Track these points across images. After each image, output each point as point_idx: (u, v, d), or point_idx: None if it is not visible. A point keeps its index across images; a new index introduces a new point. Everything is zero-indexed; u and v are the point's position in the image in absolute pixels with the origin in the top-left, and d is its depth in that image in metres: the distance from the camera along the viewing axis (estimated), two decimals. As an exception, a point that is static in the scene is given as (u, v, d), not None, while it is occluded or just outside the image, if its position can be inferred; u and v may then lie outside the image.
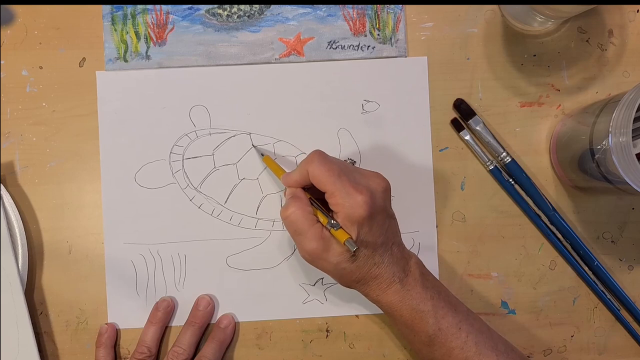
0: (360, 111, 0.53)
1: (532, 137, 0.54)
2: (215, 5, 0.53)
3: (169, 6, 0.53)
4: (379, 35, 0.53)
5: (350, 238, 0.43)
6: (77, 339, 0.52)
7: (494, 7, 0.54)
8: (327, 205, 0.45)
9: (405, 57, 0.53)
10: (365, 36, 0.53)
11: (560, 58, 0.54)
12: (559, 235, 0.53)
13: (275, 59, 0.53)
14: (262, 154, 0.52)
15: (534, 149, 0.54)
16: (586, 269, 0.53)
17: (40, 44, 0.53)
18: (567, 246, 0.53)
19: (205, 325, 0.52)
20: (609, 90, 0.54)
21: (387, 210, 0.45)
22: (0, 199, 0.50)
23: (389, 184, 0.46)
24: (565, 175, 0.52)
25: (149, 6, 0.53)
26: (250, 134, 0.53)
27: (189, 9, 0.53)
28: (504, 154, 0.53)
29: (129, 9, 0.53)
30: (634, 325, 0.53)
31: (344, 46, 0.53)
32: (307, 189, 0.47)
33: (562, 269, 0.54)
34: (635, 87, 0.43)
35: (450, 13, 0.54)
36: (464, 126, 0.53)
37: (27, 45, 0.53)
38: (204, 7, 0.53)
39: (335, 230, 0.43)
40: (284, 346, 0.53)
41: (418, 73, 0.53)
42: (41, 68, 0.53)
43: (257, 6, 0.53)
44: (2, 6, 0.52)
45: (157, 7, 0.53)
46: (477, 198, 0.53)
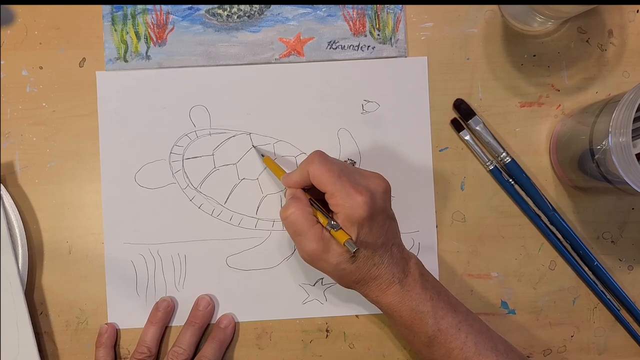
0: (360, 111, 0.53)
1: (532, 137, 0.54)
2: (215, 6, 0.53)
3: (169, 6, 0.53)
4: (379, 35, 0.53)
5: (350, 239, 0.43)
6: (77, 339, 0.52)
7: (494, 7, 0.54)
8: (327, 206, 0.45)
9: (405, 57, 0.53)
10: (365, 36, 0.53)
11: (560, 58, 0.54)
12: (559, 235, 0.53)
13: (275, 59, 0.53)
14: (263, 155, 0.52)
15: (533, 149, 0.54)
16: (586, 269, 0.53)
17: (40, 44, 0.53)
18: (567, 246, 0.53)
19: (205, 325, 0.52)
20: (608, 90, 0.54)
21: (387, 211, 0.45)
22: (0, 199, 0.50)
23: (389, 185, 0.46)
24: (565, 175, 0.52)
25: (149, 6, 0.53)
26: (250, 134, 0.53)
27: (189, 9, 0.53)
28: (504, 154, 0.53)
29: (129, 9, 0.53)
30: (634, 325, 0.53)
31: (344, 46, 0.53)
32: (307, 189, 0.47)
33: (562, 269, 0.54)
34: (635, 87, 0.43)
35: (450, 13, 0.54)
36: (464, 126, 0.53)
37: (27, 45, 0.53)
38: (204, 7, 0.53)
39: (335, 231, 0.43)
40: (284, 346, 0.53)
41: (418, 73, 0.53)
42: (41, 68, 0.53)
43: (257, 6, 0.53)
44: (2, 6, 0.52)
45: (157, 7, 0.53)
46: (477, 198, 0.53)
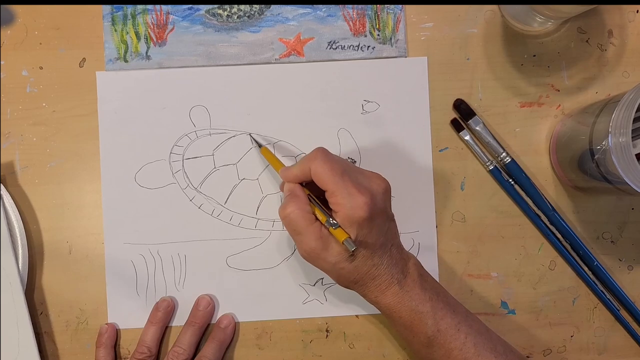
0: (360, 111, 0.53)
1: (532, 137, 0.54)
2: (215, 6, 0.53)
3: (169, 6, 0.53)
4: (379, 35, 0.53)
5: (348, 237, 0.43)
6: (77, 339, 0.52)
7: (494, 7, 0.54)
8: (326, 203, 0.45)
9: (405, 57, 0.53)
10: (365, 36, 0.53)
11: (560, 58, 0.54)
12: (559, 236, 0.53)
13: (275, 59, 0.53)
14: (260, 145, 0.52)
15: (533, 149, 0.54)
16: (586, 269, 0.53)
17: (40, 44, 0.53)
18: (567, 246, 0.53)
19: (205, 325, 0.52)
20: (608, 90, 0.54)
21: (387, 212, 0.45)
22: (0, 199, 0.50)
23: (389, 186, 0.46)
24: (565, 175, 0.52)
25: (149, 6, 0.53)
26: (250, 134, 0.53)
27: (189, 9, 0.53)
28: (504, 154, 0.53)
29: (129, 9, 0.53)
30: (634, 325, 0.53)
31: (344, 46, 0.53)
32: (306, 184, 0.46)
33: (561, 269, 0.54)
34: (635, 87, 0.43)
35: (450, 13, 0.54)
36: (464, 126, 0.53)
37: (27, 45, 0.53)
38: (204, 7, 0.53)
39: (334, 229, 0.43)
40: (284, 346, 0.53)
41: (418, 73, 0.53)
42: (41, 68, 0.53)
43: (257, 6, 0.53)
44: (2, 6, 0.52)
45: (157, 7, 0.53)
46: (477, 198, 0.53)
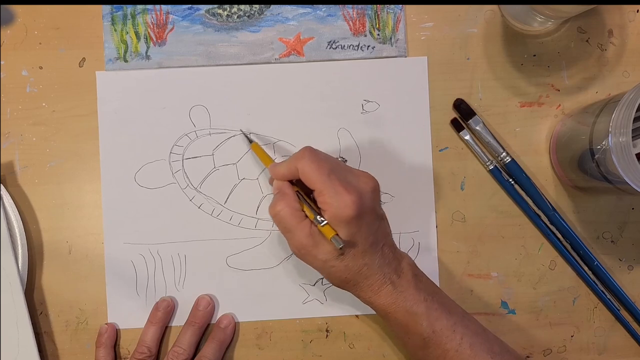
0: (360, 111, 0.53)
1: (532, 137, 0.54)
2: (215, 5, 0.53)
3: (169, 6, 0.53)
4: (378, 35, 0.53)
5: (336, 234, 0.43)
6: (77, 339, 0.52)
7: (494, 7, 0.54)
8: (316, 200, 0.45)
9: (405, 57, 0.53)
10: (365, 36, 0.53)
11: (560, 58, 0.54)
12: (559, 235, 0.53)
13: (275, 59, 0.53)
14: (250, 141, 0.52)
15: (533, 149, 0.54)
16: (586, 269, 0.53)
17: (40, 44, 0.53)
18: (567, 246, 0.53)
19: (205, 325, 0.52)
20: (608, 90, 0.54)
21: (376, 211, 0.45)
22: (0, 199, 0.50)
23: (377, 184, 0.46)
24: (565, 175, 0.52)
25: (149, 6, 0.53)
26: (250, 134, 0.53)
27: (189, 9, 0.53)
28: (504, 154, 0.53)
29: (129, 9, 0.53)
30: (634, 325, 0.53)
31: (344, 46, 0.53)
32: (296, 181, 0.47)
33: (562, 269, 0.54)
34: (635, 87, 0.43)
35: (450, 13, 0.54)
36: (464, 126, 0.53)
37: (27, 45, 0.52)
38: (204, 7, 0.53)
39: (322, 226, 0.43)
40: (284, 346, 0.53)
41: (418, 73, 0.53)
42: (41, 68, 0.53)
43: (257, 6, 0.53)
44: (2, 6, 0.52)
45: (157, 7, 0.53)
46: (477, 198, 0.53)
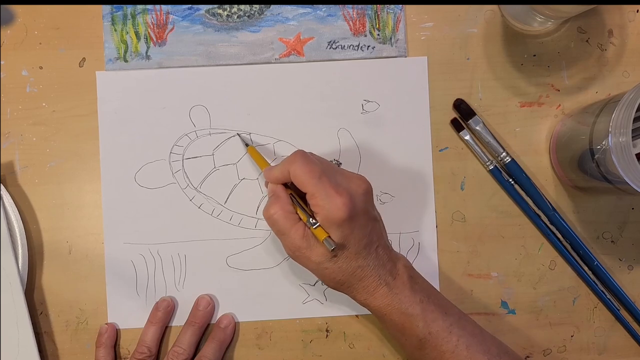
0: (360, 111, 0.53)
1: (532, 137, 0.54)
2: (215, 5, 0.53)
3: (169, 6, 0.53)
4: (379, 35, 0.53)
5: (328, 237, 0.43)
6: (77, 339, 0.52)
7: (494, 7, 0.54)
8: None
9: (405, 57, 0.53)
10: (365, 36, 0.53)
11: (560, 58, 0.54)
12: (559, 235, 0.53)
13: (275, 59, 0.53)
14: (247, 144, 0.52)
15: (533, 149, 0.54)
16: (586, 268, 0.53)
17: (40, 44, 0.53)
18: (567, 246, 0.53)
19: (205, 325, 0.52)
20: (608, 90, 0.54)
21: (368, 213, 0.45)
22: (0, 199, 0.50)
23: (370, 186, 0.46)
24: (565, 175, 0.52)
25: (149, 6, 0.53)
26: (250, 133, 0.53)
27: (189, 9, 0.53)
28: (504, 154, 0.53)
29: (129, 9, 0.53)
30: (634, 325, 0.53)
31: (344, 46, 0.53)
32: (289, 184, 0.47)
33: (562, 269, 0.54)
34: (635, 87, 0.43)
35: (450, 13, 0.54)
36: (464, 126, 0.53)
37: (27, 45, 0.52)
38: (204, 7, 0.53)
39: (315, 228, 0.44)
40: (284, 346, 0.53)
41: (418, 73, 0.53)
42: (41, 68, 0.53)
43: (257, 6, 0.53)
44: (2, 6, 0.52)
45: (157, 7, 0.53)
46: (477, 198, 0.53)
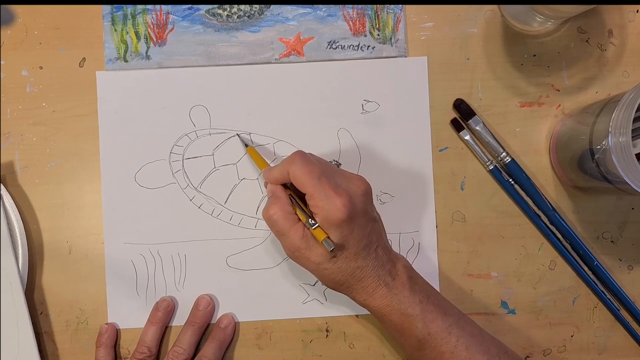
0: (360, 111, 0.53)
1: (532, 137, 0.54)
2: (215, 5, 0.53)
3: (169, 6, 0.53)
4: (378, 35, 0.53)
5: (327, 237, 0.43)
6: (77, 339, 0.52)
7: (494, 7, 0.54)
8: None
9: (405, 57, 0.53)
10: (365, 36, 0.53)
11: (560, 58, 0.54)
12: (559, 235, 0.53)
13: (275, 59, 0.53)
14: (246, 145, 0.52)
15: (533, 149, 0.54)
16: (586, 268, 0.53)
17: (40, 44, 0.53)
18: (567, 246, 0.53)
19: (205, 325, 0.52)
20: (608, 90, 0.54)
21: (368, 213, 0.45)
22: (0, 199, 0.50)
23: (369, 187, 0.46)
24: (565, 175, 0.52)
25: (149, 6, 0.53)
26: (250, 134, 0.53)
27: (189, 9, 0.53)
28: (504, 154, 0.53)
29: (129, 9, 0.53)
30: (634, 325, 0.53)
31: (344, 46, 0.53)
32: (289, 185, 0.47)
33: (562, 269, 0.54)
34: (635, 87, 0.43)
35: (450, 13, 0.54)
36: (464, 126, 0.53)
37: (27, 45, 0.52)
38: (204, 7, 0.53)
39: (314, 229, 0.44)
40: (284, 346, 0.53)
41: (418, 73, 0.53)
42: (41, 68, 0.53)
43: (257, 6, 0.53)
44: (2, 6, 0.52)
45: (157, 7, 0.53)
46: (477, 198, 0.53)
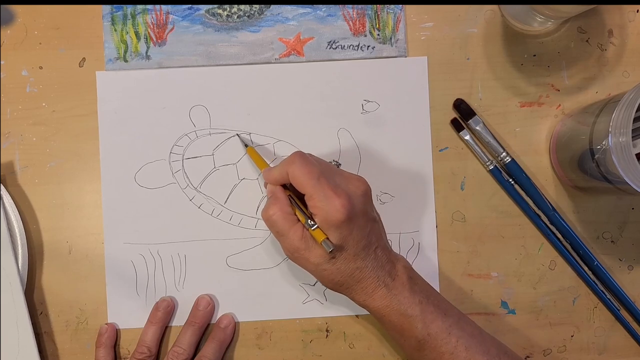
0: (360, 111, 0.53)
1: (532, 137, 0.54)
2: (215, 5, 0.53)
3: (169, 6, 0.53)
4: (378, 35, 0.53)
5: (326, 238, 0.43)
6: (77, 339, 0.52)
7: (494, 7, 0.54)
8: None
9: (405, 57, 0.53)
10: (365, 36, 0.53)
11: (560, 58, 0.54)
12: (559, 235, 0.53)
13: (275, 59, 0.53)
14: (246, 145, 0.52)
15: (533, 149, 0.54)
16: (586, 268, 0.53)
17: (40, 44, 0.53)
18: (567, 246, 0.53)
19: (205, 325, 0.52)
20: (608, 90, 0.54)
21: (367, 214, 0.45)
22: (0, 199, 0.50)
23: (369, 188, 0.46)
24: (565, 175, 0.52)
25: (149, 6, 0.53)
26: (250, 134, 0.53)
27: (189, 9, 0.53)
28: (504, 154, 0.53)
29: (129, 9, 0.53)
30: (634, 325, 0.53)
31: (344, 46, 0.53)
32: (288, 186, 0.47)
33: (562, 269, 0.54)
34: (635, 87, 0.43)
35: (450, 13, 0.54)
36: (464, 126, 0.53)
37: (27, 45, 0.52)
38: (204, 7, 0.53)
39: (313, 230, 0.44)
40: (284, 346, 0.53)
41: (418, 73, 0.53)
42: (41, 68, 0.53)
43: (257, 6, 0.53)
44: (2, 6, 0.52)
45: (157, 7, 0.53)
46: (477, 198, 0.53)
